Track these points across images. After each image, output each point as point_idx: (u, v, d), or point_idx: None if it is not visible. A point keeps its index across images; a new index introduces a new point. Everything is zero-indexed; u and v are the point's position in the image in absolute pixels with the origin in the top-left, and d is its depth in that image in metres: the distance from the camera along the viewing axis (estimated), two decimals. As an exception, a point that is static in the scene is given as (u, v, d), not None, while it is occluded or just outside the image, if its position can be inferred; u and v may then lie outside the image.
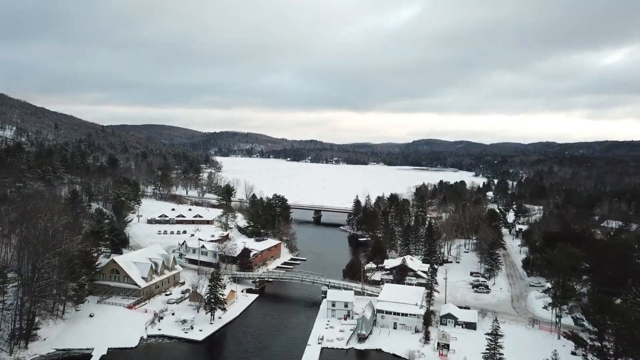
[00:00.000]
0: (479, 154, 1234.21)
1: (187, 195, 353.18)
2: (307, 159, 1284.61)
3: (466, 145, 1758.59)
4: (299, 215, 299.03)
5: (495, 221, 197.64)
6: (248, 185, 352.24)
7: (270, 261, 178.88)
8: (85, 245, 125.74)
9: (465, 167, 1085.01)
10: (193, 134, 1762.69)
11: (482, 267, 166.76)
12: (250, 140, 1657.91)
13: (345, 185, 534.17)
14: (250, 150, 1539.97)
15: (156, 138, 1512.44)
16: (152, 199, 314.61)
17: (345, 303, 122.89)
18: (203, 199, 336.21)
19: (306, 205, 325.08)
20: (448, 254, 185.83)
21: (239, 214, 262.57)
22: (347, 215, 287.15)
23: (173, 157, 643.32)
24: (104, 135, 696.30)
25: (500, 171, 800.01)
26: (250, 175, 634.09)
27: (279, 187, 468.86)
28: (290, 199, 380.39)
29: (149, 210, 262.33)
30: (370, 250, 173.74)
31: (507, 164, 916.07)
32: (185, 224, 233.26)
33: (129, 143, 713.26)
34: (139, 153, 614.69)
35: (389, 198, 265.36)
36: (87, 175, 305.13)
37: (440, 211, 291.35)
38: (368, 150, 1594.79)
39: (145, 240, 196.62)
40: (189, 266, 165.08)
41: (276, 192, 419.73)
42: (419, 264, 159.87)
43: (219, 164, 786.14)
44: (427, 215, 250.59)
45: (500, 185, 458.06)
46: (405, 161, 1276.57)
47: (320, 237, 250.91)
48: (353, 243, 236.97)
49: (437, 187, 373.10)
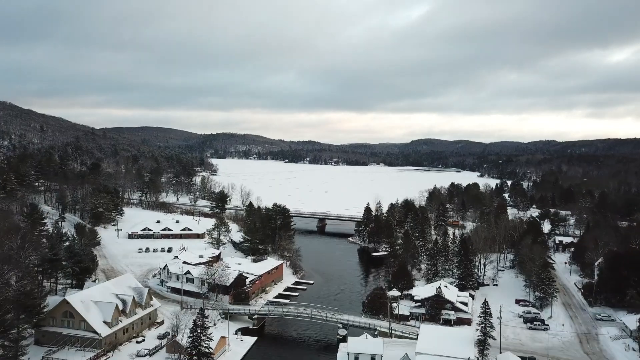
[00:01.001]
0: (482, 154, 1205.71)
1: (178, 202, 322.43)
2: (306, 160, 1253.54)
3: (466, 144, 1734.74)
4: (301, 223, 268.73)
5: (539, 234, 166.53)
6: (244, 191, 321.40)
7: (270, 287, 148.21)
8: (26, 284, 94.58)
9: (468, 167, 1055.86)
10: (189, 136, 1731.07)
11: (530, 294, 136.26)
12: (247, 142, 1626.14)
13: (349, 188, 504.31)
14: (247, 152, 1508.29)
15: (151, 140, 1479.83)
16: (138, 208, 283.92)
17: (372, 357, 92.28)
18: (195, 206, 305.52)
19: (309, 212, 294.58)
20: (483, 274, 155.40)
21: (233, 225, 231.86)
22: (356, 224, 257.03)
23: (166, 160, 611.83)
24: (93, 138, 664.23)
25: (506, 171, 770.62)
26: (247, 179, 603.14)
27: (278, 192, 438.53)
28: (291, 205, 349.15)
29: (133, 221, 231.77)
30: (392, 273, 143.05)
31: (513, 163, 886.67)
32: (172, 239, 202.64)
33: (120, 146, 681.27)
34: (129, 156, 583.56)
35: (404, 205, 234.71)
36: (66, 182, 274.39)
37: (457, 217, 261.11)
38: (367, 151, 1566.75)
39: (122, 261, 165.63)
40: (171, 297, 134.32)
41: (275, 197, 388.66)
42: (455, 292, 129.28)
43: (215, 166, 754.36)
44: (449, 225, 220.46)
45: (515, 187, 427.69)
46: (406, 161, 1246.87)
47: (327, 250, 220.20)
48: (365, 258, 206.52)
49: (450, 191, 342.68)
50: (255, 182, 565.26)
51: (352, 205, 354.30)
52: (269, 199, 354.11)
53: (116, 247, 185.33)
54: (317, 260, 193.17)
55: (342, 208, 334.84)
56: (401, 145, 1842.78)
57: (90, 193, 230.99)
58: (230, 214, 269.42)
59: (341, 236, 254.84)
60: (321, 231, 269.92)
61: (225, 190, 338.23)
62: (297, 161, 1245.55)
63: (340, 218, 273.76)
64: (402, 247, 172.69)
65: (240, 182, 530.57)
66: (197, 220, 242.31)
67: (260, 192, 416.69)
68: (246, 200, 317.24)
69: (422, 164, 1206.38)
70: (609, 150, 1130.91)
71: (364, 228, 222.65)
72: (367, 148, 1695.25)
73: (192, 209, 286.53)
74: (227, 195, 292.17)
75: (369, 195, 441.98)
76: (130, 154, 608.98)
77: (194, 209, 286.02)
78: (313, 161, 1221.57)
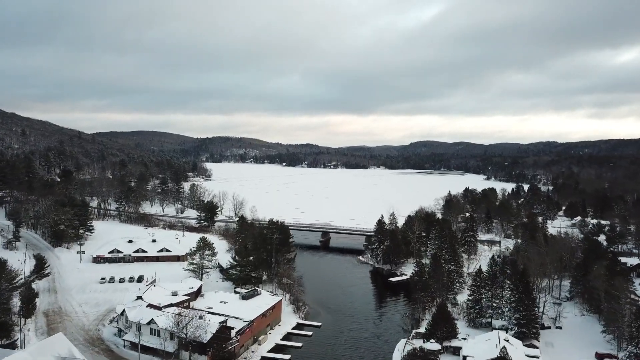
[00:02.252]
0: (484, 155, 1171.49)
1: (163, 212, 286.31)
2: (304, 163, 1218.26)
3: (466, 146, 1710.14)
4: (302, 237, 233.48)
5: (605, 257, 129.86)
6: (237, 200, 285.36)
7: (265, 335, 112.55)
8: None
9: (472, 169, 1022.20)
10: (185, 139, 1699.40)
11: (615, 346, 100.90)
12: (244, 145, 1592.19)
13: (352, 194, 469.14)
14: (244, 155, 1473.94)
15: (145, 145, 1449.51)
16: (115, 221, 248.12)
17: None
18: (182, 218, 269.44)
19: (310, 225, 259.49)
20: (542, 313, 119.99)
21: (222, 243, 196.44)
22: (365, 238, 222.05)
23: (156, 165, 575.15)
24: (79, 143, 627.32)
25: (514, 174, 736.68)
26: (242, 184, 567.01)
27: (275, 199, 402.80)
28: (289, 215, 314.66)
29: (105, 239, 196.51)
30: (429, 323, 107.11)
31: (519, 165, 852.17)
32: (147, 262, 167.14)
33: (108, 150, 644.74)
34: (116, 161, 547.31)
35: (424, 217, 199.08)
36: (31, 192, 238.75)
37: (483, 231, 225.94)
38: (366, 154, 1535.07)
39: (76, 298, 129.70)
40: (128, 355, 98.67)
41: (271, 206, 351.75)
42: (521, 349, 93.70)
43: (209, 171, 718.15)
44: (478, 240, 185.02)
45: (534, 192, 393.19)
46: (407, 164, 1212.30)
47: (333, 273, 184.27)
48: (379, 283, 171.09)
49: (467, 197, 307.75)
50: (250, 187, 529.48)
51: (357, 213, 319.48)
52: (265, 208, 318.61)
53: (74, 276, 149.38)
54: (322, 287, 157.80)
55: (347, 217, 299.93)
56: (400, 148, 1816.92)
57: (52, 206, 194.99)
58: (219, 228, 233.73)
59: (348, 253, 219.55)
60: (325, 246, 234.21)
61: (216, 199, 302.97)
62: (295, 164, 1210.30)
63: (347, 231, 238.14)
64: (429, 274, 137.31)
65: (235, 188, 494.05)
66: (180, 236, 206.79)
67: (255, 199, 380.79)
68: (239, 210, 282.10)
69: (423, 166, 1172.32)
70: (612, 151, 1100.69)
71: (378, 246, 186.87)
72: (365, 151, 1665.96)
73: (177, 222, 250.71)
74: (217, 205, 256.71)
75: (374, 202, 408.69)
76: (118, 159, 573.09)
77: (179, 222, 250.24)
78: (311, 164, 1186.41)
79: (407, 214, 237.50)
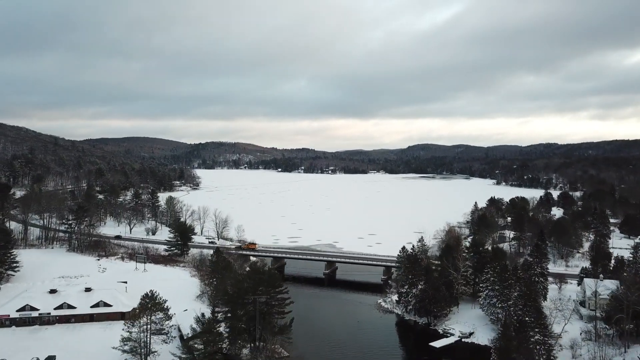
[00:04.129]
0: (490, 158, 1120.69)
1: (130, 233, 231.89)
2: (300, 169, 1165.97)
3: (466, 149, 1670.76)
4: (301, 268, 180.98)
5: None
6: (220, 219, 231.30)
7: None
8: None
9: (477, 173, 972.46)
10: (178, 145, 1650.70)
11: None
12: (238, 151, 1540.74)
13: (357, 204, 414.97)
14: (238, 161, 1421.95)
15: (136, 151, 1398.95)
16: (62, 249, 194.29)
17: None
18: (151, 241, 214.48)
19: (311, 249, 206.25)
20: None
21: (194, 281, 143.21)
22: (384, 270, 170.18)
23: (137, 173, 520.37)
24: (54, 150, 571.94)
25: (526, 178, 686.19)
26: (232, 193, 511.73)
27: (268, 212, 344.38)
28: (284, 232, 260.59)
29: (35, 278, 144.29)
30: None
31: (529, 168, 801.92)
32: (75, 324, 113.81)
33: (87, 158, 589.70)
34: (91, 170, 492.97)
35: (472, 246, 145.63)
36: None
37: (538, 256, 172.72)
38: (363, 158, 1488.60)
39: None
40: None
41: (264, 221, 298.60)
42: None
43: (198, 179, 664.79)
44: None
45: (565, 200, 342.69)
46: (408, 168, 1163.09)
47: (344, 328, 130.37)
48: (416, 348, 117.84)
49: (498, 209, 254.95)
50: (242, 197, 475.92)
51: (365, 229, 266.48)
52: (256, 225, 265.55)
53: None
54: (330, 354, 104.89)
55: (354, 236, 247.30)
56: (397, 151, 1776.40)
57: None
58: (193, 258, 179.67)
59: (362, 289, 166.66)
60: (330, 280, 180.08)
61: (195, 216, 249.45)
62: (290, 170, 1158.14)
63: (359, 261, 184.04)
64: (504, 341, 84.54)
65: (224, 198, 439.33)
66: (141, 270, 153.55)
67: (245, 213, 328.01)
68: (222, 231, 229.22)
69: (425, 170, 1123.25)
70: (617, 152, 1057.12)
71: (408, 290, 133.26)
72: (362, 155, 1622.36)
73: (143, 248, 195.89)
74: (191, 228, 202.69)
75: (382, 214, 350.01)
76: (95, 168, 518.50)
77: (146, 248, 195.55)
78: (308, 170, 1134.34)
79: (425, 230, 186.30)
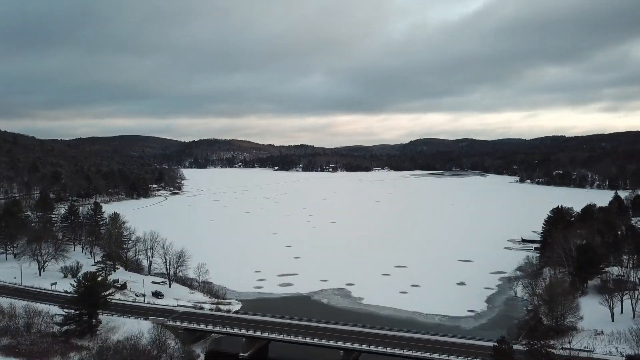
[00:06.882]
0: (505, 153, 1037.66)
1: (40, 276, 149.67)
2: (298, 166, 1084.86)
3: (470, 143, 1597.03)
4: (293, 353, 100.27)
5: None
6: (172, 252, 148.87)
7: None
8: None
9: (492, 169, 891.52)
10: (169, 144, 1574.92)
11: None
12: (232, 148, 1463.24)
13: (368, 214, 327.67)
14: (232, 159, 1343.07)
15: (125, 150, 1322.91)
16: None
17: None
18: (52, 295, 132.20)
19: (311, 324, 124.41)
20: None
21: None
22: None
23: (103, 177, 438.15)
24: (8, 149, 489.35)
25: (555, 174, 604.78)
26: (217, 199, 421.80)
27: (256, 229, 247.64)
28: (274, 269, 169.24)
29: None
30: None
31: (552, 163, 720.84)
32: None
33: (47, 159, 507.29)
34: (46, 174, 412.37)
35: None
36: None
37: None
38: (365, 154, 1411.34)
39: None
40: None
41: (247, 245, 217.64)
42: None
43: (181, 181, 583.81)
44: None
45: (636, 204, 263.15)
46: (414, 164, 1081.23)
47: None
48: None
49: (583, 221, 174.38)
50: (226, 204, 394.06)
51: (389, 257, 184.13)
52: (231, 260, 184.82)
53: None
54: None
55: (375, 269, 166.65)
56: (399, 147, 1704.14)
57: None
58: (106, 343, 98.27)
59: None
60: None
61: (140, 246, 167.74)
62: (288, 168, 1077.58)
63: (407, 351, 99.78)
64: None
65: (206, 205, 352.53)
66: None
67: (223, 232, 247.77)
68: (177, 270, 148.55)
69: (433, 166, 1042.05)
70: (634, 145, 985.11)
71: None
72: (363, 150, 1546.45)
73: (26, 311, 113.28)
74: (107, 283, 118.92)
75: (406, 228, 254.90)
76: (54, 170, 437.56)
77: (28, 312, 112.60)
78: (307, 167, 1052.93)
79: (473, 257, 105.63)
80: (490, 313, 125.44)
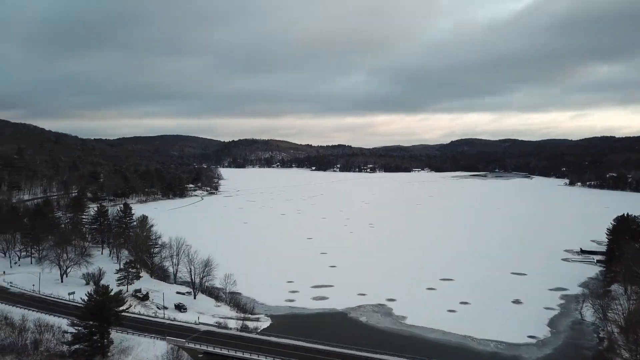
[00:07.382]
0: (552, 154, 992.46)
1: (62, 282, 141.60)
2: (336, 167, 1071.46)
3: (513, 143, 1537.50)
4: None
5: None
6: (199, 261, 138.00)
7: None
8: None
9: (538, 171, 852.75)
10: (209, 143, 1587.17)
11: None
12: (270, 148, 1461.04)
13: (410, 217, 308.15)
14: (270, 159, 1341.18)
15: (166, 150, 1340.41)
16: None
17: None
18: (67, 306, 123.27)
19: (346, 350, 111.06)
20: None
21: None
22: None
23: (140, 176, 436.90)
24: (52, 149, 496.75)
25: (609, 177, 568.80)
26: (253, 199, 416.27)
27: (289, 233, 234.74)
28: (307, 276, 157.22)
29: None
30: None
31: (604, 165, 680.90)
32: None
33: (87, 159, 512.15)
34: (84, 173, 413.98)
35: None
36: None
37: None
38: (403, 154, 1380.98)
39: None
40: None
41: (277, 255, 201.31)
42: None
43: (218, 180, 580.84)
44: None
45: None
46: (455, 165, 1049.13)
47: None
48: None
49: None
50: (261, 206, 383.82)
51: (433, 267, 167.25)
52: (261, 268, 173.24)
53: None
54: None
55: (418, 282, 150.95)
56: (439, 147, 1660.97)
57: None
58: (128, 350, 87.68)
59: None
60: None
61: (166, 252, 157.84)
62: (325, 168, 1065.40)
63: None
64: None
65: (242, 206, 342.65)
66: None
67: (256, 236, 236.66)
68: (203, 279, 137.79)
69: (476, 167, 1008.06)
70: None
71: None
72: (402, 151, 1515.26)
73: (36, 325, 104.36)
74: (120, 297, 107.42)
75: (451, 235, 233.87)
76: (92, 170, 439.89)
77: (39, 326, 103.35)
78: (344, 168, 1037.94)
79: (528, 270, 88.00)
80: (555, 340, 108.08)
